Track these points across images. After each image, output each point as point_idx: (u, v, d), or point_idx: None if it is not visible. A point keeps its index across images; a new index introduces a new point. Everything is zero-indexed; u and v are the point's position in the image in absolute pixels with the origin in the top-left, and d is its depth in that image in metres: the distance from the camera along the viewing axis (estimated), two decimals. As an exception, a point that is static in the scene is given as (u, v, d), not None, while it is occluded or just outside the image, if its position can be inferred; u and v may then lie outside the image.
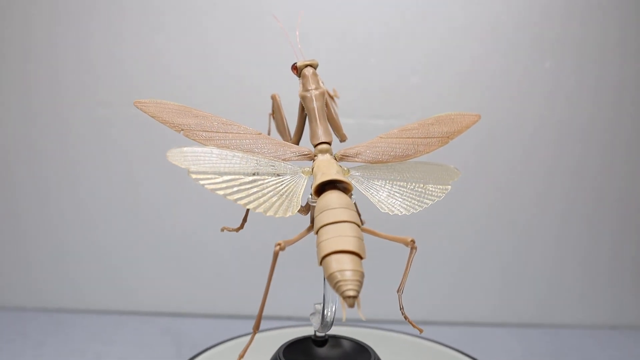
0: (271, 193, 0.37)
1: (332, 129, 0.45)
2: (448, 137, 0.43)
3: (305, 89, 0.43)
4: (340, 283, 0.31)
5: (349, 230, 0.34)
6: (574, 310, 0.80)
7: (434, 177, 0.41)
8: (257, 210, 0.36)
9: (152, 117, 0.38)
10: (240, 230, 0.46)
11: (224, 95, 0.76)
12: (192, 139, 0.38)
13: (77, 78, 0.76)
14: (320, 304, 0.44)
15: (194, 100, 0.70)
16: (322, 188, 0.37)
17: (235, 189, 0.36)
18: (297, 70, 0.44)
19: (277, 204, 0.37)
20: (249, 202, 0.36)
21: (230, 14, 0.74)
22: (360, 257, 0.33)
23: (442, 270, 0.79)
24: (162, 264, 0.79)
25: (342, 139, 0.46)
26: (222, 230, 0.46)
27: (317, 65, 0.44)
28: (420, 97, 0.74)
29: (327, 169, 0.38)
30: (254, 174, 0.38)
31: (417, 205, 0.39)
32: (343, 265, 0.31)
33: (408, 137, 0.42)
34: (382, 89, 0.74)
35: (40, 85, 0.76)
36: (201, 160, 0.36)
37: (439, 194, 0.41)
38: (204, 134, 0.39)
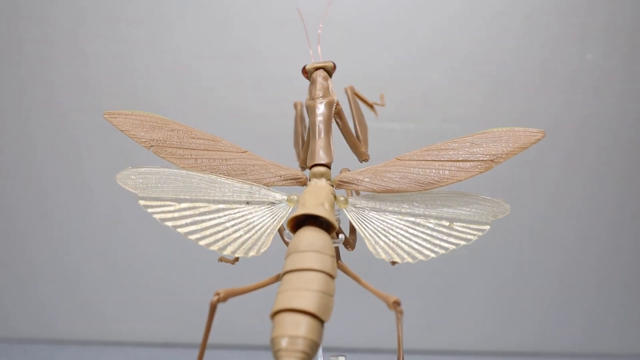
0: (236, 227, 0.30)
1: (350, 146, 0.37)
2: (493, 160, 0.32)
3: (310, 96, 0.35)
4: (279, 354, 0.23)
5: (311, 282, 0.26)
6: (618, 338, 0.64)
7: (468, 213, 0.31)
8: (212, 248, 0.29)
9: (122, 130, 0.33)
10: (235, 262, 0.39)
11: (211, 99, 0.64)
12: (162, 157, 0.33)
13: (46, 81, 0.65)
14: (336, 356, 0.36)
15: (178, 104, 0.63)
16: (303, 222, 0.29)
17: (189, 220, 0.30)
18: (307, 74, 0.36)
19: (239, 240, 0.30)
20: (202, 238, 0.29)
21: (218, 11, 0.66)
22: (321, 320, 0.24)
23: (475, 296, 0.65)
24: (138, 291, 0.66)
25: (361, 158, 0.37)
26: (220, 261, 0.40)
27: (332, 68, 0.36)
28: (442, 97, 0.63)
29: (311, 199, 0.30)
30: (222, 202, 0.31)
31: (433, 249, 0.30)
32: (285, 330, 0.23)
33: (435, 160, 0.32)
34: (397, 87, 0.63)
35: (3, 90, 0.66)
36: (159, 183, 0.31)
37: (469, 235, 0.30)
38: (176, 151, 0.33)
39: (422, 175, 0.31)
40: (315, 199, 0.30)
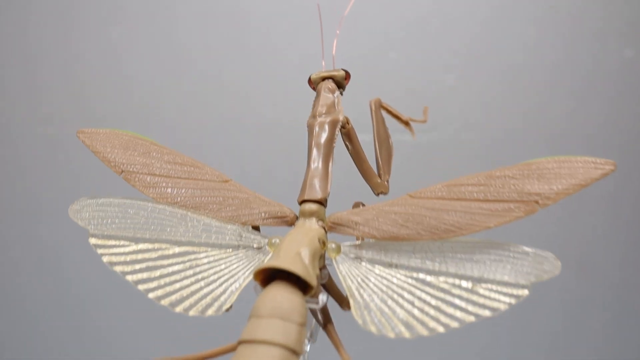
0: (197, 276, 0.24)
1: (362, 175, 0.30)
2: (538, 201, 0.24)
3: (312, 113, 0.29)
4: None
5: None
6: None
7: (499, 270, 0.23)
8: (161, 302, 0.24)
9: (94, 152, 0.29)
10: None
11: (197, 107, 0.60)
12: (132, 185, 0.28)
13: (20, 92, 0.60)
14: None
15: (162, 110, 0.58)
16: (275, 275, 0.23)
17: (143, 264, 0.25)
18: (313, 84, 0.30)
19: (198, 295, 0.24)
20: (153, 289, 0.24)
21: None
22: None
23: None
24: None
25: (377, 191, 0.30)
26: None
27: (342, 78, 0.30)
28: (458, 102, 0.55)
29: (288, 245, 0.24)
30: (188, 244, 0.25)
31: (443, 320, 0.22)
32: None
33: (458, 198, 0.25)
34: (406, 91, 0.56)
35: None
36: (118, 218, 0.26)
37: (498, 303, 0.22)
38: (147, 179, 0.28)
39: (440, 219, 0.24)
40: (294, 246, 0.23)
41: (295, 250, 0.23)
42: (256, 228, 0.27)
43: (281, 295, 0.22)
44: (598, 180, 0.24)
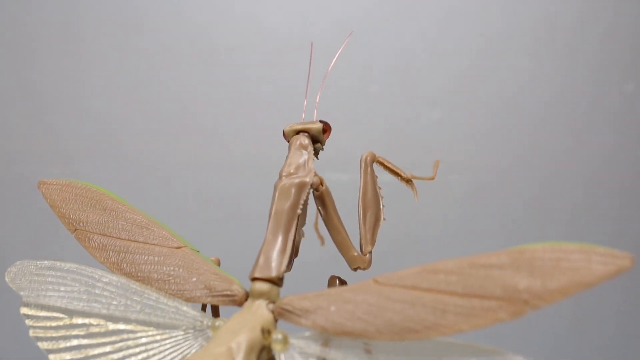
0: (126, 360, 0.22)
1: (337, 246, 0.26)
2: (528, 301, 0.19)
3: (279, 172, 0.25)
4: None
5: None
6: None
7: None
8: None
9: (51, 206, 0.27)
10: None
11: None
12: (82, 245, 0.26)
13: None
14: None
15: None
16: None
17: (68, 343, 0.22)
18: (286, 137, 0.27)
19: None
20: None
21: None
22: None
23: None
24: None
25: (353, 265, 0.26)
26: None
27: (318, 132, 0.26)
28: (444, 139, 0.52)
29: (222, 335, 0.20)
30: (123, 321, 0.23)
31: None
32: None
33: (430, 289, 0.20)
34: (388, 127, 0.52)
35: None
36: (55, 285, 0.24)
37: None
38: (98, 240, 0.25)
39: (404, 315, 0.20)
40: (228, 336, 0.20)
41: (226, 343, 0.20)
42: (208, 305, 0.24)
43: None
44: (608, 279, 0.19)
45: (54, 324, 0.22)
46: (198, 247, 0.25)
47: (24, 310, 0.23)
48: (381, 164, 0.29)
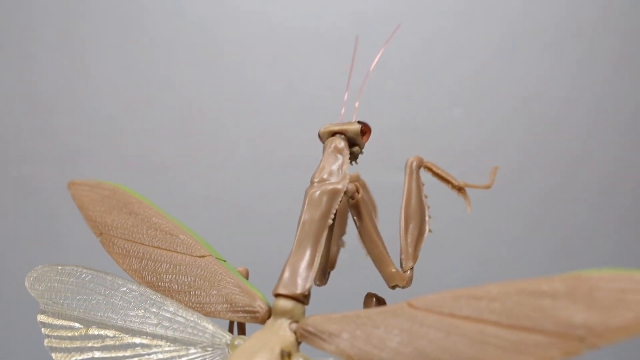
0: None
1: (373, 261, 0.24)
2: (583, 339, 0.16)
3: (311, 177, 0.23)
4: None
5: None
6: None
7: None
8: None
9: (79, 208, 0.26)
10: None
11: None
12: (107, 250, 0.25)
13: None
14: None
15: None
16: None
17: (82, 355, 0.21)
18: (321, 139, 0.25)
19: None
20: (84, 389, 0.20)
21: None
22: None
23: None
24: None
25: (390, 283, 0.24)
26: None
27: (355, 134, 0.24)
28: (464, 138, 0.50)
29: (237, 355, 0.19)
30: (139, 334, 0.21)
31: None
32: None
33: (470, 318, 0.18)
34: (406, 126, 0.50)
35: None
36: (74, 292, 0.23)
37: None
38: (122, 245, 0.24)
39: (437, 345, 0.18)
40: (246, 356, 0.18)
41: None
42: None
43: None
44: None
45: (69, 333, 0.22)
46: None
47: (41, 318, 0.22)
48: (429, 169, 0.26)
